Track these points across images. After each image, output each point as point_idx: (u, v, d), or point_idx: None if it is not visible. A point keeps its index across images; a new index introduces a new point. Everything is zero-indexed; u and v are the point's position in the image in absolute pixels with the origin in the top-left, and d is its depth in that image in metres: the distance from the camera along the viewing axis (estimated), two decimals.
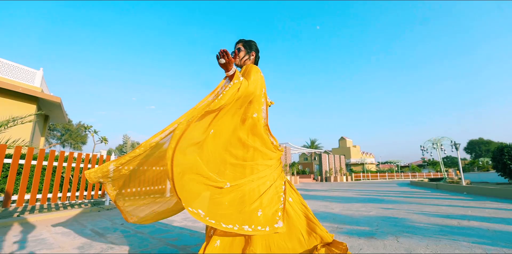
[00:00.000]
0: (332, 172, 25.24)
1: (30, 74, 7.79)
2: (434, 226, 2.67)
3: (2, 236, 2.30)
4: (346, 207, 4.33)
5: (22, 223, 2.90)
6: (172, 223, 2.91)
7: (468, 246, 1.94)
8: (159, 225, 2.80)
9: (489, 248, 1.87)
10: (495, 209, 3.95)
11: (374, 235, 2.30)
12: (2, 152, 2.95)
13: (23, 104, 7.27)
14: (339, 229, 2.57)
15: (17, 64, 7.48)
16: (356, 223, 2.86)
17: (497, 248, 1.87)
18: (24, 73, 7.67)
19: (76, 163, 3.82)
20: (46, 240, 2.16)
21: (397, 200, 5.45)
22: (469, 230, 2.50)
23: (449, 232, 2.42)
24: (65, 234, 2.38)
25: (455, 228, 2.57)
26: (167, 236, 2.30)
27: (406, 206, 4.47)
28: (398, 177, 31.19)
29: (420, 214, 3.53)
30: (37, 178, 3.26)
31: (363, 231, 2.47)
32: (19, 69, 7.56)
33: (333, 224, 2.79)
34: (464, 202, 5.04)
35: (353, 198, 6.18)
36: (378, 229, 2.53)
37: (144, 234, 2.40)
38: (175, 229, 2.64)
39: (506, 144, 6.83)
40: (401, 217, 3.28)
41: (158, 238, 2.25)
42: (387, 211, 3.81)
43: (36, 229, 2.59)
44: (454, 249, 1.87)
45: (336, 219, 3.13)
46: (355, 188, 10.74)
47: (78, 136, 28.17)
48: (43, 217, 3.20)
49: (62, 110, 8.95)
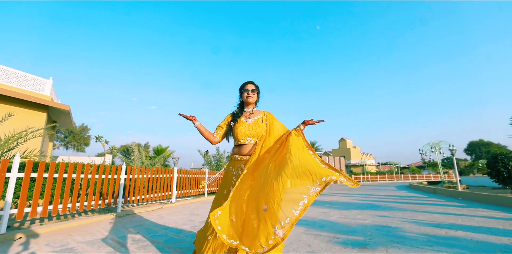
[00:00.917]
0: None
1: (40, 84, 8.10)
2: (422, 236, 2.92)
3: (35, 245, 2.57)
4: (344, 215, 4.59)
5: (47, 232, 3.17)
6: (182, 233, 3.18)
7: None
8: (171, 235, 3.07)
9: None
10: (484, 218, 4.20)
11: (367, 245, 2.56)
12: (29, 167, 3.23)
13: (35, 112, 7.58)
14: (335, 239, 2.83)
15: (29, 74, 7.79)
16: (351, 233, 3.12)
17: None
18: (35, 83, 7.99)
19: (92, 174, 4.09)
20: (75, 250, 2.43)
21: (393, 207, 5.70)
22: (454, 240, 2.76)
23: (435, 242, 2.68)
24: (90, 244, 2.65)
25: (442, 239, 2.83)
26: (181, 246, 2.57)
27: (400, 213, 4.73)
28: (398, 178, 31.39)
29: (412, 222, 3.78)
30: (59, 189, 3.54)
31: (357, 241, 2.73)
32: (31, 78, 7.87)
33: (331, 234, 3.06)
34: (457, 209, 5.29)
35: (351, 204, 6.44)
36: (371, 239, 2.79)
37: (160, 243, 2.67)
38: (186, 238, 2.90)
39: (500, 152, 7.08)
40: (394, 226, 3.54)
41: (174, 247, 2.52)
42: (381, 219, 4.06)
43: (62, 238, 2.86)
44: None
45: (333, 228, 3.39)
46: (354, 192, 10.99)
47: (81, 138, 28.55)
48: (63, 225, 3.47)
49: (70, 117, 9.26)
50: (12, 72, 7.56)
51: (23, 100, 7.16)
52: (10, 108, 7.08)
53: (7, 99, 7.08)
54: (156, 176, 5.81)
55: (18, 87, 7.59)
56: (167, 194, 6.19)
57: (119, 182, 4.67)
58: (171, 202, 6.19)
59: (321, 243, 2.66)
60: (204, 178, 8.15)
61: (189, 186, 7.36)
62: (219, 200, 1.88)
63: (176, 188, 6.51)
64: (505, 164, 6.70)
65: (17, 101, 7.22)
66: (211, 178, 8.32)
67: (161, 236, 2.97)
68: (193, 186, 7.60)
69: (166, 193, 6.15)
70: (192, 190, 7.52)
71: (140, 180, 5.27)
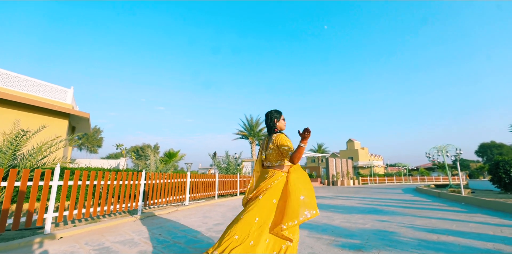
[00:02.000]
0: (339, 176, 25.61)
1: (63, 93, 8.76)
2: (414, 241, 3.25)
3: (76, 244, 3.03)
4: (346, 219, 4.92)
5: (81, 232, 3.63)
6: (199, 234, 3.58)
7: None
8: (190, 236, 3.48)
9: None
10: (479, 223, 4.45)
11: (362, 248, 2.91)
12: (67, 176, 3.70)
13: (58, 120, 8.20)
14: (335, 242, 3.19)
15: (53, 85, 8.45)
16: (350, 236, 3.47)
17: None
18: (58, 92, 8.64)
19: (117, 180, 4.56)
20: (111, 249, 2.87)
21: (394, 211, 5.99)
22: (442, 245, 3.07)
23: (424, 246, 3.00)
24: (122, 243, 3.09)
25: (432, 243, 3.15)
26: (201, 246, 2.97)
27: (400, 218, 5.02)
28: (406, 180, 31.21)
29: (408, 227, 4.09)
30: (90, 194, 4.01)
31: (354, 244, 3.08)
32: (54, 88, 8.53)
33: (331, 237, 3.41)
34: (456, 214, 5.53)
35: (355, 208, 6.74)
36: (367, 243, 3.13)
37: (181, 244, 3.08)
38: (203, 239, 3.31)
39: (501, 158, 7.25)
40: (391, 230, 3.86)
41: (194, 247, 2.92)
42: (381, 224, 4.38)
43: (97, 238, 3.31)
44: None
45: (334, 232, 3.74)
46: (360, 195, 11.22)
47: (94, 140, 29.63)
48: (94, 227, 3.93)
49: (88, 123, 9.89)
50: (38, 83, 8.20)
51: (48, 109, 7.77)
52: (37, 116, 7.70)
53: (34, 108, 7.70)
54: (170, 181, 6.27)
55: (43, 96, 8.24)
56: (181, 197, 6.64)
57: (140, 187, 5.13)
58: (185, 205, 6.64)
59: (322, 245, 3.02)
60: (214, 182, 8.59)
61: (200, 189, 7.80)
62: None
63: (189, 192, 6.96)
64: (507, 170, 6.88)
65: (43, 110, 7.84)
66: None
67: (181, 237, 3.39)
68: (205, 190, 8.04)
69: (180, 196, 6.59)
70: (204, 193, 7.96)
71: (157, 185, 5.73)
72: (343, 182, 25.01)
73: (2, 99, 6.88)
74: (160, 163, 8.12)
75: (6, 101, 7.14)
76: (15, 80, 7.74)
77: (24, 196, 3.15)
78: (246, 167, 19.72)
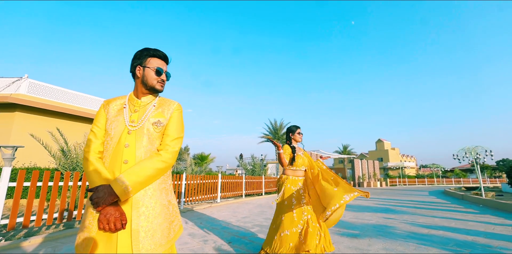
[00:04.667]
0: (365, 178, 25.43)
1: (98, 102, 10.59)
2: (405, 233, 3.93)
3: None
4: (356, 216, 5.63)
5: None
6: (231, 223, 4.59)
7: (410, 245, 3.25)
8: (224, 224, 4.50)
9: (419, 246, 3.17)
10: (478, 222, 4.92)
11: (357, 236, 3.69)
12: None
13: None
14: (338, 231, 3.99)
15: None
16: (352, 228, 4.23)
17: (426, 247, 3.16)
18: (94, 102, 10.50)
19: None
20: None
21: (405, 211, 6.51)
22: (427, 236, 3.73)
23: (412, 237, 3.68)
24: None
25: (420, 235, 3.81)
26: (232, 231, 3.97)
27: (406, 216, 5.60)
28: (439, 182, 29.83)
29: (408, 224, 4.72)
30: None
31: (352, 233, 3.87)
32: (91, 99, 10.43)
33: (335, 228, 4.21)
34: (464, 215, 5.93)
35: (369, 207, 7.33)
36: (363, 233, 3.90)
37: (218, 229, 4.11)
38: (234, 227, 4.31)
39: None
40: (390, 225, 4.54)
41: (228, 232, 3.92)
42: (385, 220, 5.04)
43: None
44: (398, 245, 3.20)
45: (339, 225, 4.52)
46: (381, 197, 11.55)
47: None
48: None
49: None
50: (97, 100, 10.00)
51: (89, 118, 9.54)
52: (81, 125, 9.42)
53: (80, 118, 9.47)
54: (204, 181, 7.41)
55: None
56: (213, 195, 7.76)
57: (182, 186, 6.32)
58: (217, 202, 7.75)
59: None
60: (242, 183, 9.65)
61: (230, 189, 8.90)
62: (284, 208, 2.68)
63: (220, 191, 8.07)
64: None
65: (84, 119, 9.58)
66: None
67: (217, 225, 4.42)
68: (233, 189, 9.12)
69: (212, 194, 7.72)
70: (233, 192, 9.05)
71: (194, 185, 6.89)
72: (369, 183, 24.81)
73: (74, 115, 8.62)
74: (195, 166, 9.37)
75: (76, 116, 8.89)
76: (81, 99, 9.60)
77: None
78: (271, 169, 20.59)
